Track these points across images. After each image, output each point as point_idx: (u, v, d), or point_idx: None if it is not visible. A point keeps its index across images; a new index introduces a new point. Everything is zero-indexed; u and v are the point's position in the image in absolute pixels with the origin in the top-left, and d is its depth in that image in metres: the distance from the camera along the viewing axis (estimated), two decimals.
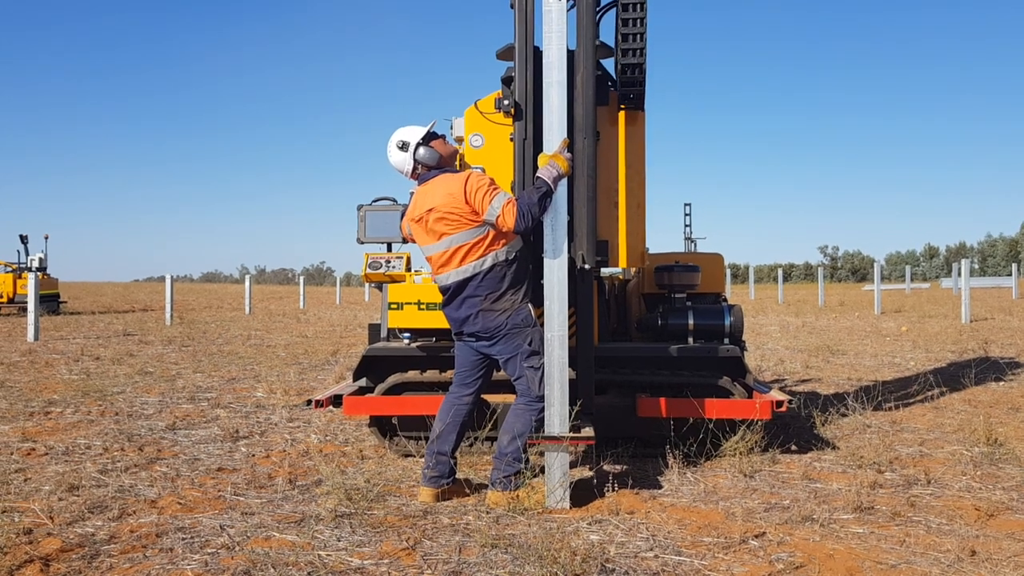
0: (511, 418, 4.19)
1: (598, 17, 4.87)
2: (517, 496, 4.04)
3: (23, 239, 23.16)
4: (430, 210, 4.15)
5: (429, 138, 4.27)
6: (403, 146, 4.26)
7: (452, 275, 4.16)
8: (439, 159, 4.26)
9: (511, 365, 4.18)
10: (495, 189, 4.10)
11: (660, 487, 4.43)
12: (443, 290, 4.26)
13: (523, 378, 4.15)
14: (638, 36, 4.69)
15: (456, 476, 4.30)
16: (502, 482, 4.09)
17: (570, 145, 4.25)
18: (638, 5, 4.63)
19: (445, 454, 4.22)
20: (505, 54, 4.93)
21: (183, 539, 3.61)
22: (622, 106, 5.08)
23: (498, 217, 4.03)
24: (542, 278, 4.21)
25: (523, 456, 4.13)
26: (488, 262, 4.11)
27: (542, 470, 4.22)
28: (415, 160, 4.25)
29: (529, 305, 4.20)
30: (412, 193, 4.45)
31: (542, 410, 4.13)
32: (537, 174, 4.14)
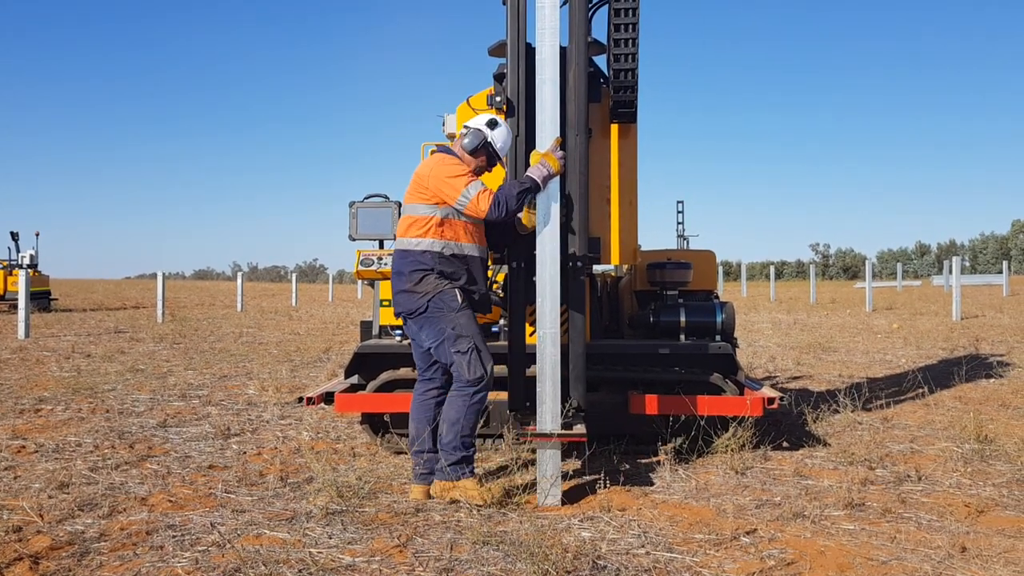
0: (446, 407, 4.16)
1: (591, 14, 4.87)
2: (455, 486, 4.04)
3: (14, 236, 23.03)
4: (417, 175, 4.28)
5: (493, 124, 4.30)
6: (491, 123, 4.29)
7: (396, 243, 4.32)
8: (462, 149, 4.30)
9: (440, 351, 4.14)
10: (473, 177, 4.15)
11: (652, 484, 4.44)
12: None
13: (453, 364, 4.11)
14: (630, 41, 4.69)
15: None
16: (444, 471, 4.08)
17: (562, 143, 4.24)
18: (630, 11, 4.63)
19: (429, 451, 4.21)
20: (497, 50, 4.93)
21: (173, 537, 3.59)
22: (614, 122, 5.08)
23: (471, 201, 4.06)
24: (534, 275, 4.21)
25: (465, 444, 4.09)
26: (423, 245, 4.14)
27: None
28: (463, 135, 4.31)
29: (457, 292, 4.14)
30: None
31: (476, 393, 4.07)
32: (527, 172, 4.14)
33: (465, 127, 4.35)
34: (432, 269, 4.12)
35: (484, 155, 4.28)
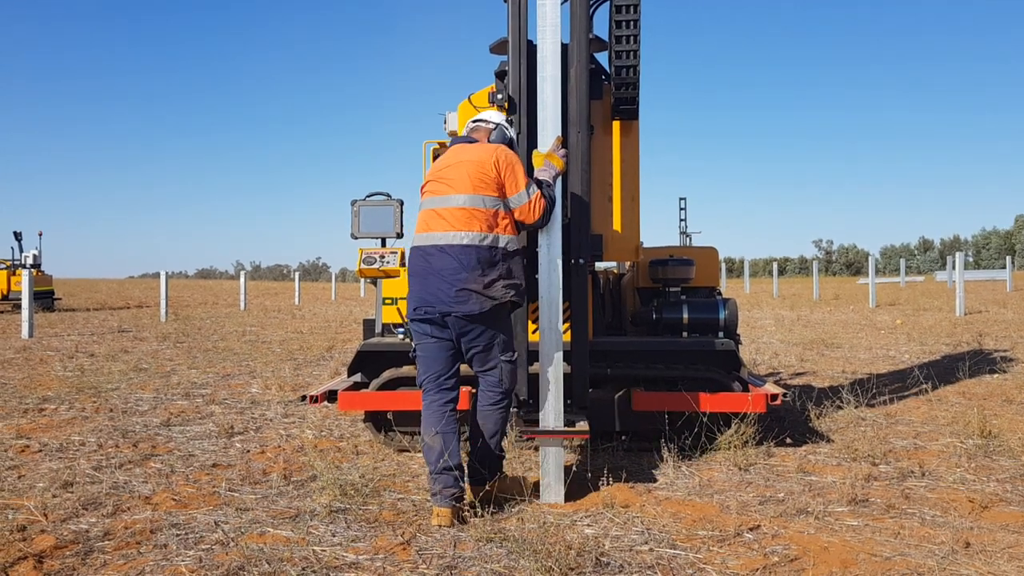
0: (486, 422, 4.01)
1: (592, 11, 4.86)
2: (494, 487, 4.04)
3: (17, 236, 23.08)
4: (462, 162, 3.97)
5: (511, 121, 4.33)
6: (510, 121, 4.27)
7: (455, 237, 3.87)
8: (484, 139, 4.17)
9: (489, 355, 3.94)
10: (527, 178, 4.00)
11: (655, 481, 4.44)
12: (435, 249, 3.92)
13: (496, 370, 3.97)
14: (631, 38, 4.68)
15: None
16: (489, 475, 4.05)
17: (564, 140, 4.23)
18: (632, 8, 4.62)
19: (456, 468, 3.82)
20: (498, 48, 4.92)
21: (177, 535, 3.60)
22: (616, 118, 5.08)
23: (528, 202, 3.91)
24: (536, 272, 4.21)
25: (502, 452, 4.14)
26: (488, 240, 3.85)
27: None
28: (490, 130, 4.18)
29: (519, 299, 3.98)
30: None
31: (508, 402, 4.05)
32: (536, 175, 4.09)
33: (482, 120, 4.20)
34: (497, 267, 3.84)
35: None
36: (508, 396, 4.04)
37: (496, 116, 4.25)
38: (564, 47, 4.28)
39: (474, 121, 4.26)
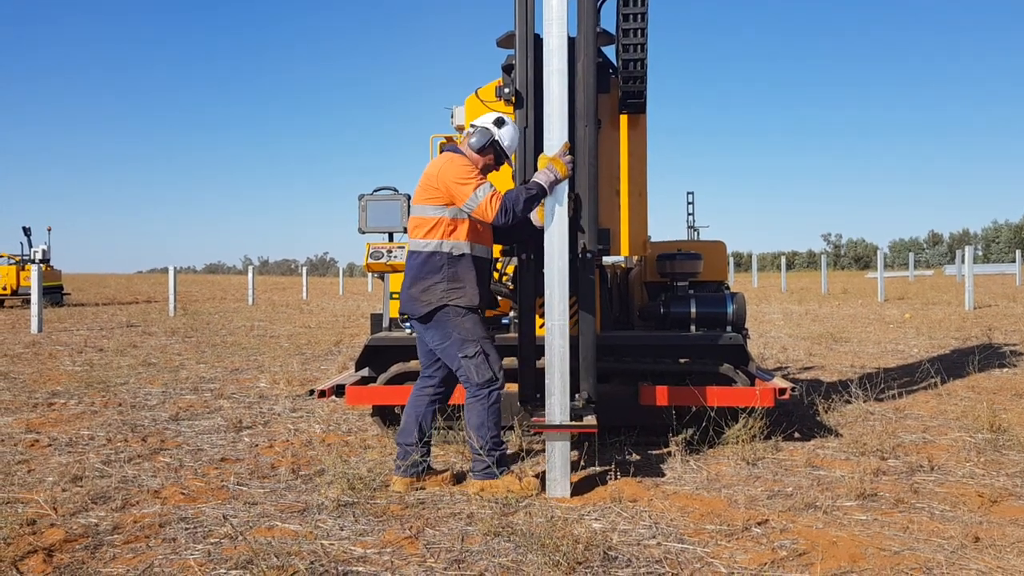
0: (467, 414, 4.20)
1: (599, 4, 4.85)
2: (495, 484, 4.06)
3: (26, 231, 23.19)
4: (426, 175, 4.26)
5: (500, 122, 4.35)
6: (498, 122, 4.32)
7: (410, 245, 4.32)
8: (469, 148, 4.28)
9: (446, 354, 4.18)
10: (483, 179, 4.13)
11: (663, 475, 4.43)
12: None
13: (460, 368, 4.14)
14: (639, 31, 4.66)
15: (429, 464, 4.31)
16: (481, 473, 4.12)
17: (571, 135, 4.22)
18: (639, 1, 4.60)
19: (410, 445, 4.22)
20: (506, 42, 4.91)
21: (186, 529, 3.61)
22: (623, 112, 5.07)
23: (479, 205, 4.05)
24: (543, 267, 4.20)
25: (497, 444, 4.15)
26: (431, 247, 4.15)
27: (535, 453, 4.21)
28: (471, 133, 4.32)
29: (461, 307, 4.13)
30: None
31: (491, 392, 4.11)
32: (533, 177, 4.14)
33: (472, 125, 4.36)
34: (440, 271, 4.12)
35: (492, 153, 4.30)
36: (484, 388, 4.11)
37: (484, 120, 4.35)
38: (571, 40, 4.26)
39: (471, 126, 4.43)
